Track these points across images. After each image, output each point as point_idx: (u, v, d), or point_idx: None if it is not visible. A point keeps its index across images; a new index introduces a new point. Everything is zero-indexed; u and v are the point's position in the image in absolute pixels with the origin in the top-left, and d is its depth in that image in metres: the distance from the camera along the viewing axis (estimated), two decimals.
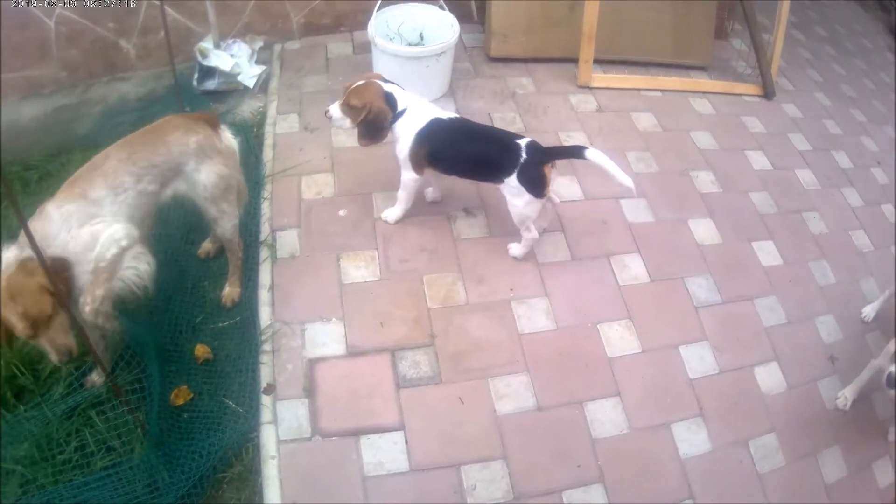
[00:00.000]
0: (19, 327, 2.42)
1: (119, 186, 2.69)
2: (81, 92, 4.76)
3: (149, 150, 2.80)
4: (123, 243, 2.63)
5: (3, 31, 4.38)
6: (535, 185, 3.09)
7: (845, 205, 4.25)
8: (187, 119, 2.99)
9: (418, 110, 3.20)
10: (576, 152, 3.09)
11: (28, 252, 2.44)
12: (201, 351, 3.03)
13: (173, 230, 3.54)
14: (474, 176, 3.35)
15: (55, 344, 2.51)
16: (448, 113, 3.28)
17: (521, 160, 3.07)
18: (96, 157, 2.75)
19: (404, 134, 3.19)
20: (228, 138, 3.14)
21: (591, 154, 3.04)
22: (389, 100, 3.17)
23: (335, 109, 3.19)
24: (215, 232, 3.17)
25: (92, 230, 2.59)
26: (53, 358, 2.55)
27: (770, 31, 5.02)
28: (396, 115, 3.17)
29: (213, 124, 3.06)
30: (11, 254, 2.50)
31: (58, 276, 2.47)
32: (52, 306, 2.46)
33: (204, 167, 2.91)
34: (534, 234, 3.27)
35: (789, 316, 3.43)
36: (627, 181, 3.04)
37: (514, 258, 3.36)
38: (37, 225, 2.51)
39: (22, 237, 2.48)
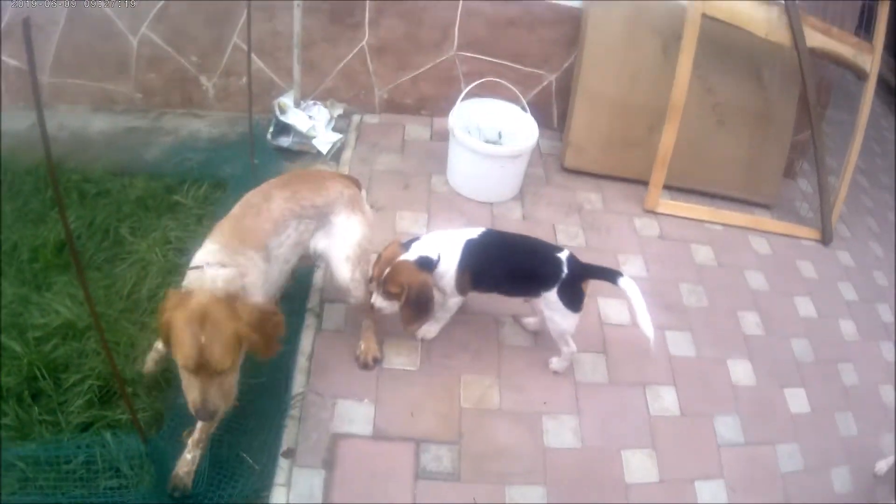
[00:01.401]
0: (189, 351, 2.22)
1: (283, 231, 2.71)
2: (154, 118, 4.86)
3: (311, 190, 2.85)
4: None
5: (87, 37, 4.57)
6: (574, 301, 3.11)
7: (880, 358, 4.24)
8: (335, 173, 3.06)
9: (450, 245, 3.11)
10: (611, 276, 3.11)
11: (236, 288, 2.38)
12: None
13: None
14: (516, 291, 3.28)
15: (209, 394, 2.30)
16: (475, 230, 3.21)
17: (563, 275, 3.07)
18: (251, 196, 2.77)
19: (446, 273, 3.10)
20: (367, 204, 3.19)
21: (625, 283, 3.06)
22: (423, 264, 3.01)
23: (379, 301, 3.05)
24: (348, 302, 3.17)
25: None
26: (192, 405, 2.34)
27: (837, 174, 5.04)
28: (434, 266, 3.05)
29: (358, 186, 3.13)
30: (220, 274, 2.38)
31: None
32: (234, 356, 2.32)
33: (354, 218, 2.95)
34: (572, 347, 3.28)
35: (807, 464, 3.41)
36: (648, 329, 3.05)
37: (555, 372, 3.39)
38: (240, 259, 2.50)
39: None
